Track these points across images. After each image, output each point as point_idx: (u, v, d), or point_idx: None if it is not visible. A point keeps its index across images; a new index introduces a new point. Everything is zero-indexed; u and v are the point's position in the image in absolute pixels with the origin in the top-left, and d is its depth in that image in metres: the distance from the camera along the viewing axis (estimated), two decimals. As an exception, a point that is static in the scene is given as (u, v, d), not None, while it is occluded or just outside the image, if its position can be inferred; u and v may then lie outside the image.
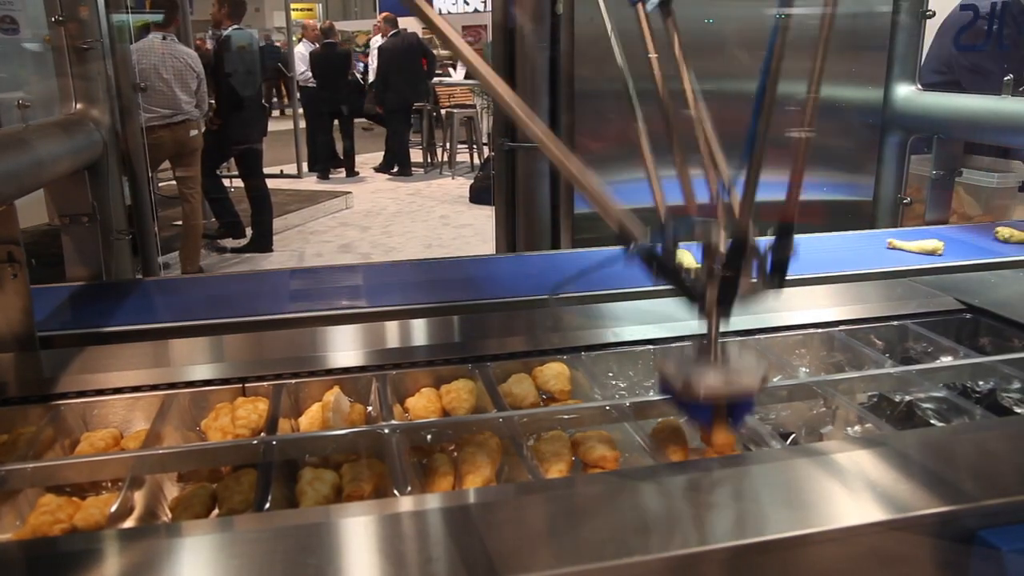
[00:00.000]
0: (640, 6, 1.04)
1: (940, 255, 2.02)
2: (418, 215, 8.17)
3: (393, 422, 1.17)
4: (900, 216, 2.76)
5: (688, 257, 0.99)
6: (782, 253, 0.96)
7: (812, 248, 2.14)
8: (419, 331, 1.52)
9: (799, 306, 1.62)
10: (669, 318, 1.52)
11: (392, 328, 1.53)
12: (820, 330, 1.52)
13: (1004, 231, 2.19)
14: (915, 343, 1.53)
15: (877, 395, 1.36)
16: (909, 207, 2.77)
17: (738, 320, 1.50)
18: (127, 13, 2.25)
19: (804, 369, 1.46)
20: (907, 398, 1.31)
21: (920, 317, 1.58)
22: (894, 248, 2.10)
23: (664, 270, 0.96)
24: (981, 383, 1.36)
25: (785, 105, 0.99)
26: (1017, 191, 2.74)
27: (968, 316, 1.60)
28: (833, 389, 1.28)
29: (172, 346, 1.47)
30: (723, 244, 0.95)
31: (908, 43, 2.71)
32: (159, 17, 5.47)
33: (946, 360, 1.44)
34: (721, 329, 0.98)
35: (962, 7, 2.98)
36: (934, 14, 2.73)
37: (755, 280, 0.96)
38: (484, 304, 1.64)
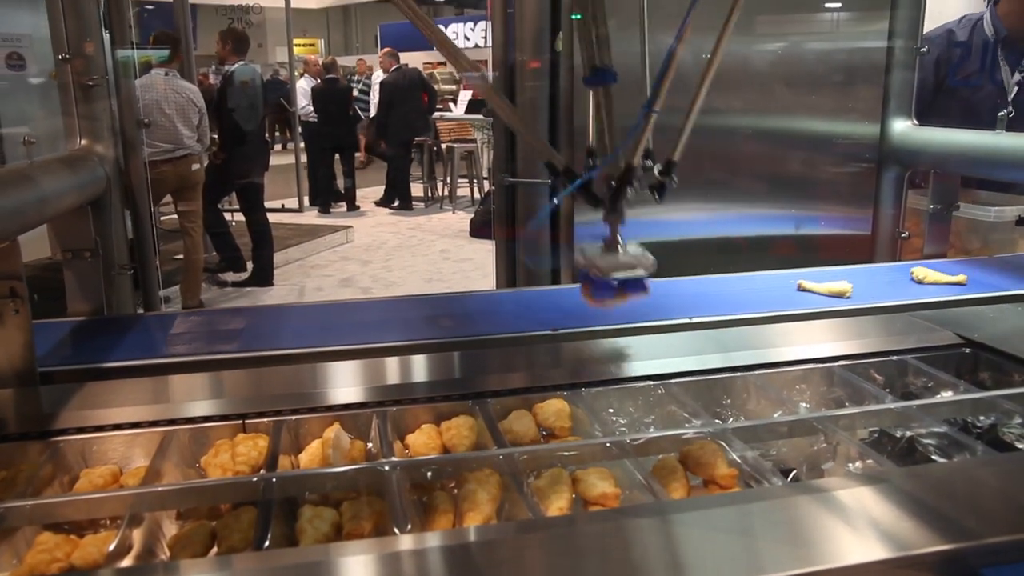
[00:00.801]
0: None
1: (848, 297, 1.93)
2: (419, 249, 8.20)
3: (393, 459, 1.17)
4: (899, 250, 2.78)
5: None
6: (664, 178, 1.36)
7: (722, 290, 2.05)
8: (419, 367, 1.52)
9: (798, 341, 1.62)
10: (670, 353, 1.52)
11: (392, 364, 1.53)
12: (819, 365, 1.53)
13: (919, 271, 2.12)
14: (915, 378, 1.53)
15: (878, 431, 1.35)
16: (908, 241, 2.78)
17: (739, 356, 1.51)
18: (132, 49, 2.28)
19: (804, 405, 1.46)
20: (908, 434, 1.31)
21: (919, 352, 1.58)
22: (804, 290, 1.99)
23: (580, 186, 1.33)
24: (982, 418, 1.36)
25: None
26: (1015, 225, 2.76)
27: (967, 351, 1.60)
28: (834, 425, 1.27)
29: (172, 382, 1.47)
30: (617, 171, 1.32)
31: (903, 79, 2.74)
32: (164, 53, 5.55)
33: (946, 395, 1.44)
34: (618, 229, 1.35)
35: (951, 45, 3.01)
36: (928, 51, 2.77)
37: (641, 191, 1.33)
38: (484, 340, 1.64)
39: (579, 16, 1.60)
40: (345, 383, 1.41)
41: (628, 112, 1.49)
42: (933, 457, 1.26)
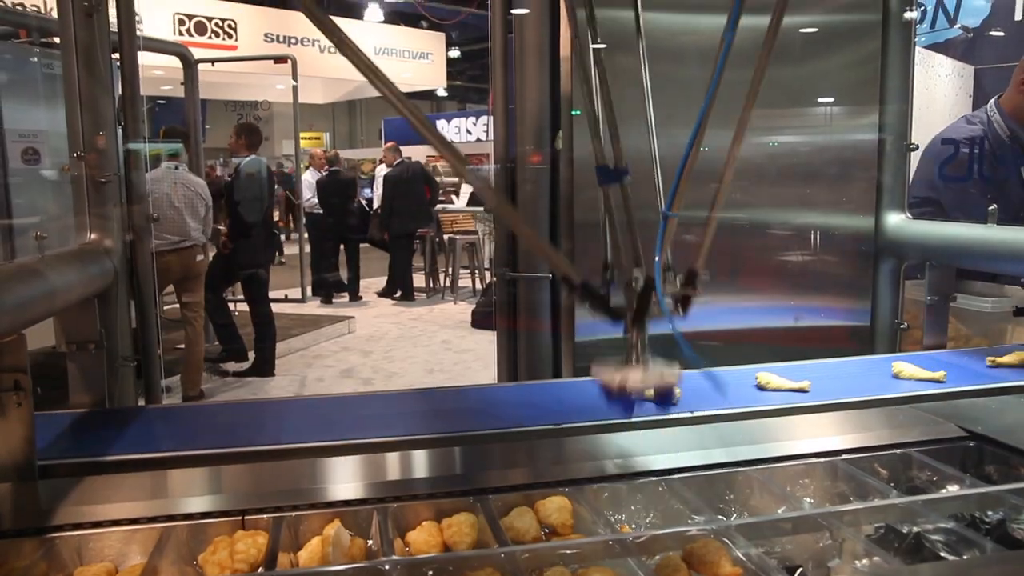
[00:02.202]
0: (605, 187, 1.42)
1: (676, 404, 1.78)
2: (420, 340, 8.20)
3: (394, 557, 1.15)
4: (899, 341, 2.79)
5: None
6: (687, 290, 1.33)
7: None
8: (420, 463, 1.51)
9: (801, 435, 1.62)
10: (672, 448, 1.52)
11: (393, 460, 1.53)
12: (823, 459, 1.52)
13: (763, 376, 1.93)
14: (919, 472, 1.52)
15: (884, 527, 1.34)
16: (907, 332, 2.80)
17: (741, 451, 1.51)
18: (144, 143, 2.34)
19: (808, 500, 1.45)
20: (915, 529, 1.29)
21: (923, 445, 1.58)
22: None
23: (597, 300, 1.31)
24: (990, 513, 1.34)
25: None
26: (1012, 315, 2.78)
27: (972, 444, 1.59)
28: (839, 521, 1.26)
29: (171, 477, 1.46)
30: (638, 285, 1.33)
31: (895, 174, 2.81)
32: (175, 147, 5.70)
33: (952, 489, 1.43)
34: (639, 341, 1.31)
35: (943, 140, 3.10)
36: (917, 147, 2.85)
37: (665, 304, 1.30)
38: (485, 435, 1.64)
39: (579, 112, 1.68)
40: (345, 479, 1.41)
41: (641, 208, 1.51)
42: (941, 554, 1.24)
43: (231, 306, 6.96)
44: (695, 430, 1.68)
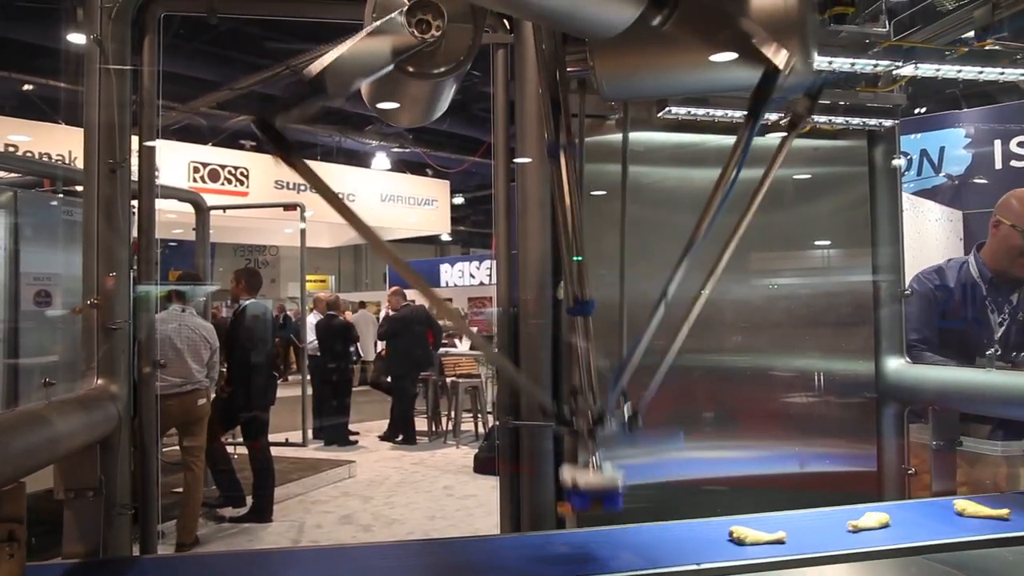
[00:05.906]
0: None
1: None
2: (422, 485, 8.03)
3: None
4: (907, 487, 2.73)
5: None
6: (632, 423, 1.73)
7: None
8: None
9: (811, 588, 1.57)
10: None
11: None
12: (836, 615, 1.47)
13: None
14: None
15: None
16: (916, 477, 2.74)
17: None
18: (156, 285, 2.40)
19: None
20: None
21: (939, 599, 1.53)
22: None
23: (565, 424, 1.76)
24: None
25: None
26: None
27: (989, 599, 1.55)
28: None
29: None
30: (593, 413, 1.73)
31: (892, 319, 2.85)
32: (183, 289, 5.80)
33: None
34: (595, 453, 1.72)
35: (916, 276, 3.15)
36: (912, 292, 2.90)
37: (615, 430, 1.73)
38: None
39: (580, 258, 1.89)
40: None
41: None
42: None
43: (230, 449, 6.86)
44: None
